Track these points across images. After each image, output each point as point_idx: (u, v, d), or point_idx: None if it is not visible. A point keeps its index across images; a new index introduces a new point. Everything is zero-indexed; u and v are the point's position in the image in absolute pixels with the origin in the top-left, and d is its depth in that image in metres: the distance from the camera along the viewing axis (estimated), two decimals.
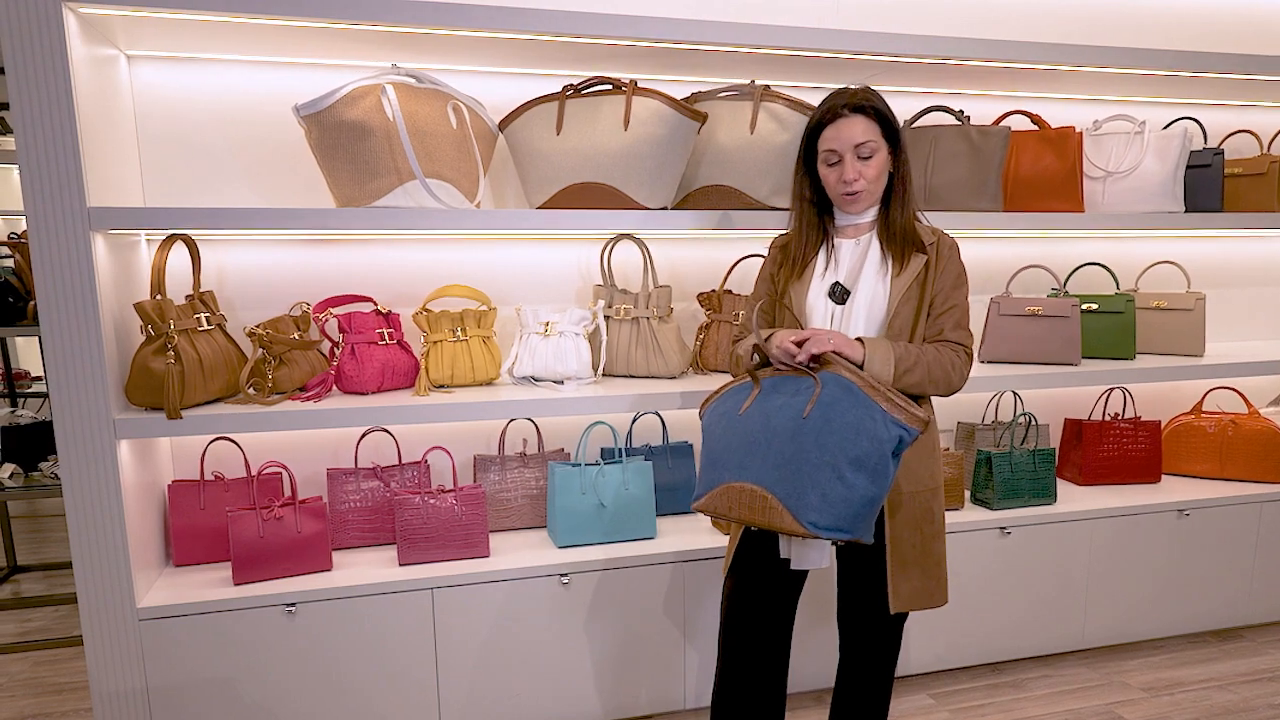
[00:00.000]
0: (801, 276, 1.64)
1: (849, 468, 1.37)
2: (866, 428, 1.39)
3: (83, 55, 1.66)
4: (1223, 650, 2.54)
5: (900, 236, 1.59)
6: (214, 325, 1.90)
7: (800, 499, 1.38)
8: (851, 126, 1.53)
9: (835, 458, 1.38)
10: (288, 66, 2.06)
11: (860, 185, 1.55)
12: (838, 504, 1.37)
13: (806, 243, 1.66)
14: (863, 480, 1.38)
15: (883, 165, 1.56)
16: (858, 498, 1.38)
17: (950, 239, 1.63)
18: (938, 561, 1.62)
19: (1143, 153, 2.43)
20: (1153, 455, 2.61)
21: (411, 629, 1.91)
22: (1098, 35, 2.61)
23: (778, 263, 1.70)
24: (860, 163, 1.54)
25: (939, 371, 1.54)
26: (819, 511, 1.37)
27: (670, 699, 2.14)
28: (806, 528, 1.37)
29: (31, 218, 1.61)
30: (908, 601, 1.59)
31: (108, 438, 1.70)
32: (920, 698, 2.27)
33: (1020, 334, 2.43)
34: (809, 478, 1.38)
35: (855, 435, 1.38)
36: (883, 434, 1.39)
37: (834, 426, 1.39)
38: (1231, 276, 2.99)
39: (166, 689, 1.80)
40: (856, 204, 1.59)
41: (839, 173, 1.56)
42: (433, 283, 2.18)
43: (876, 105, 1.54)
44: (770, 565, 1.61)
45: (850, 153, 1.54)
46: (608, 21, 1.86)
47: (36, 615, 2.90)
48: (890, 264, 1.58)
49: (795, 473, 1.39)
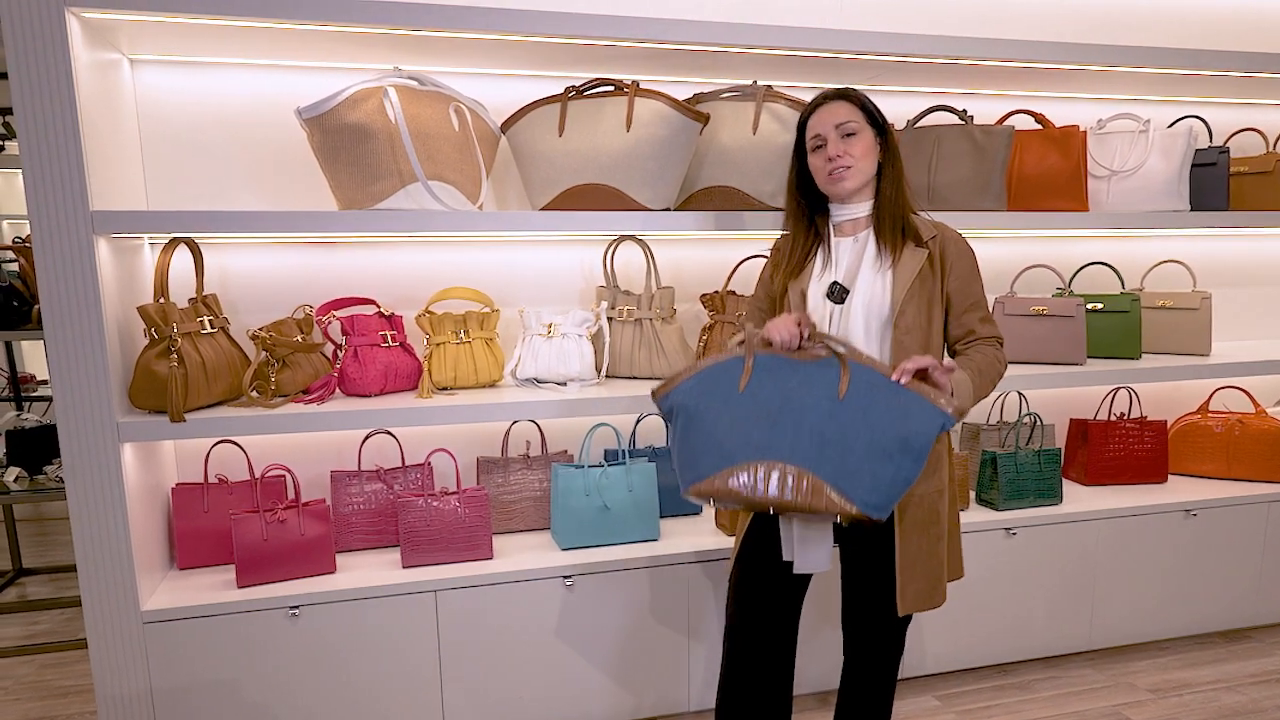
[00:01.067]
0: (799, 276, 1.63)
1: (897, 449, 1.39)
2: (914, 412, 1.40)
3: (86, 60, 1.67)
4: (1231, 651, 2.53)
5: (892, 223, 1.58)
6: (217, 328, 1.91)
7: (851, 479, 1.38)
8: (834, 110, 1.57)
9: (885, 439, 1.38)
10: (290, 70, 2.06)
11: (846, 161, 1.55)
12: (885, 484, 1.39)
13: (794, 238, 1.66)
14: (908, 462, 1.39)
15: (868, 146, 1.57)
16: (903, 479, 1.40)
17: (954, 231, 1.62)
18: (940, 563, 1.61)
19: (1147, 151, 2.42)
20: (1159, 455, 2.59)
21: (415, 631, 1.91)
22: (1102, 34, 2.60)
23: (775, 262, 1.70)
24: (844, 140, 1.55)
25: (993, 374, 1.56)
26: (871, 491, 1.38)
27: (674, 701, 2.13)
28: (860, 508, 1.38)
29: (35, 222, 1.62)
30: (913, 603, 1.58)
31: (111, 441, 1.70)
32: (926, 699, 2.26)
33: (1025, 334, 2.42)
34: (860, 458, 1.38)
35: (904, 417, 1.39)
36: (932, 418, 1.40)
37: (880, 409, 1.39)
38: (1237, 275, 2.97)
39: (171, 691, 1.80)
40: (844, 182, 1.57)
41: (824, 154, 1.57)
42: (435, 285, 2.18)
43: (858, 94, 1.59)
44: (775, 565, 1.60)
45: (833, 132, 1.56)
46: (609, 23, 1.85)
47: (42, 618, 2.90)
48: (887, 256, 1.57)
49: (842, 454, 1.38)
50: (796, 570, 1.56)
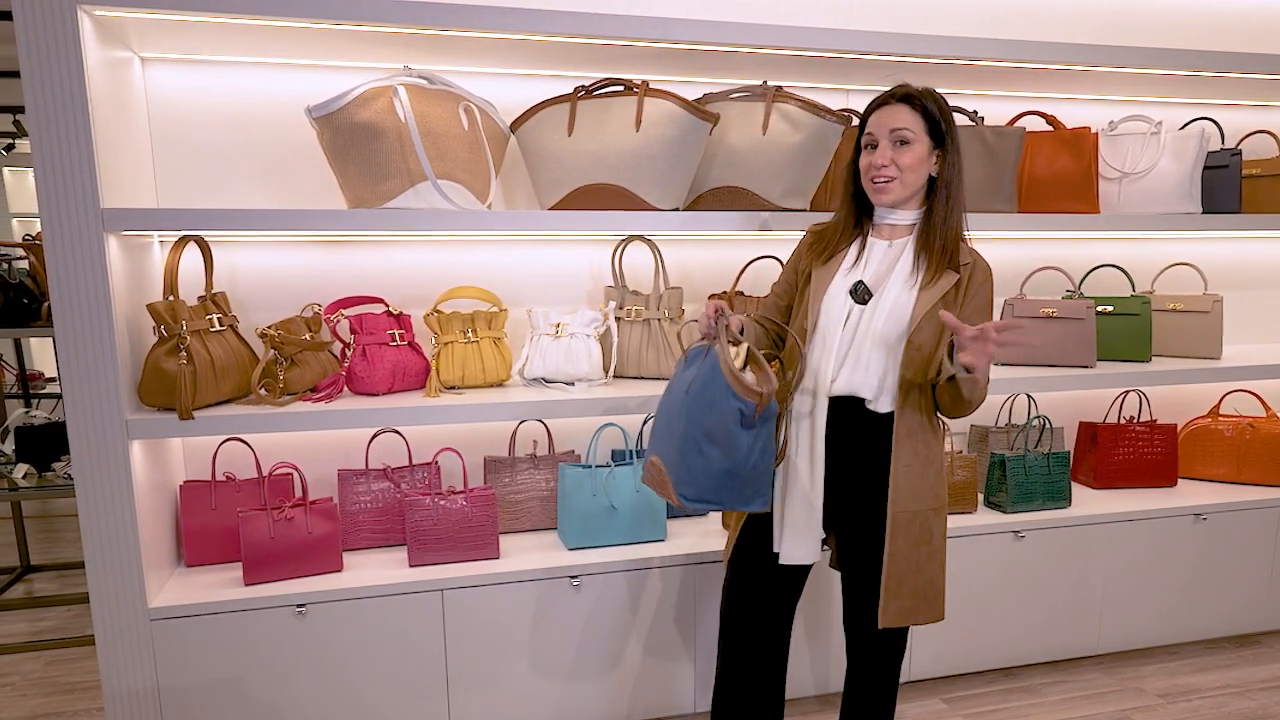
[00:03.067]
0: (827, 264, 1.61)
1: (705, 440, 1.45)
2: (717, 402, 1.44)
3: (97, 58, 1.67)
4: (1240, 656, 2.51)
5: (939, 246, 1.52)
6: (226, 326, 1.91)
7: (676, 470, 1.47)
8: (894, 113, 1.50)
9: (696, 431, 1.45)
10: (300, 68, 2.06)
11: (890, 171, 1.50)
12: (700, 475, 1.45)
13: (840, 231, 1.62)
14: (716, 453, 1.44)
15: (920, 158, 1.50)
16: (715, 470, 1.45)
17: (986, 264, 1.57)
18: (930, 581, 1.58)
19: (1159, 153, 2.40)
20: (1169, 459, 2.58)
21: (421, 630, 1.91)
22: (1114, 35, 2.59)
23: (808, 244, 1.67)
24: (895, 149, 1.50)
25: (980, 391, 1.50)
26: (686, 484, 1.47)
27: (679, 702, 2.13)
28: (679, 499, 1.47)
29: (46, 219, 1.62)
30: (895, 618, 1.56)
31: (120, 438, 1.70)
32: (933, 703, 2.26)
33: (1035, 336, 2.41)
34: (680, 451, 1.46)
35: (709, 409, 1.44)
36: (724, 406, 1.43)
37: (699, 401, 1.46)
38: (1249, 278, 2.95)
39: (178, 688, 1.80)
40: (885, 194, 1.52)
41: (872, 157, 1.53)
42: (444, 284, 2.18)
43: (926, 101, 1.51)
44: (767, 562, 1.60)
45: (886, 138, 1.51)
46: (619, 22, 1.85)
47: (49, 615, 2.92)
48: (921, 274, 1.53)
49: (678, 448, 1.47)
50: (782, 561, 1.56)
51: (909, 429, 1.54)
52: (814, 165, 2.08)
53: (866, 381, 1.53)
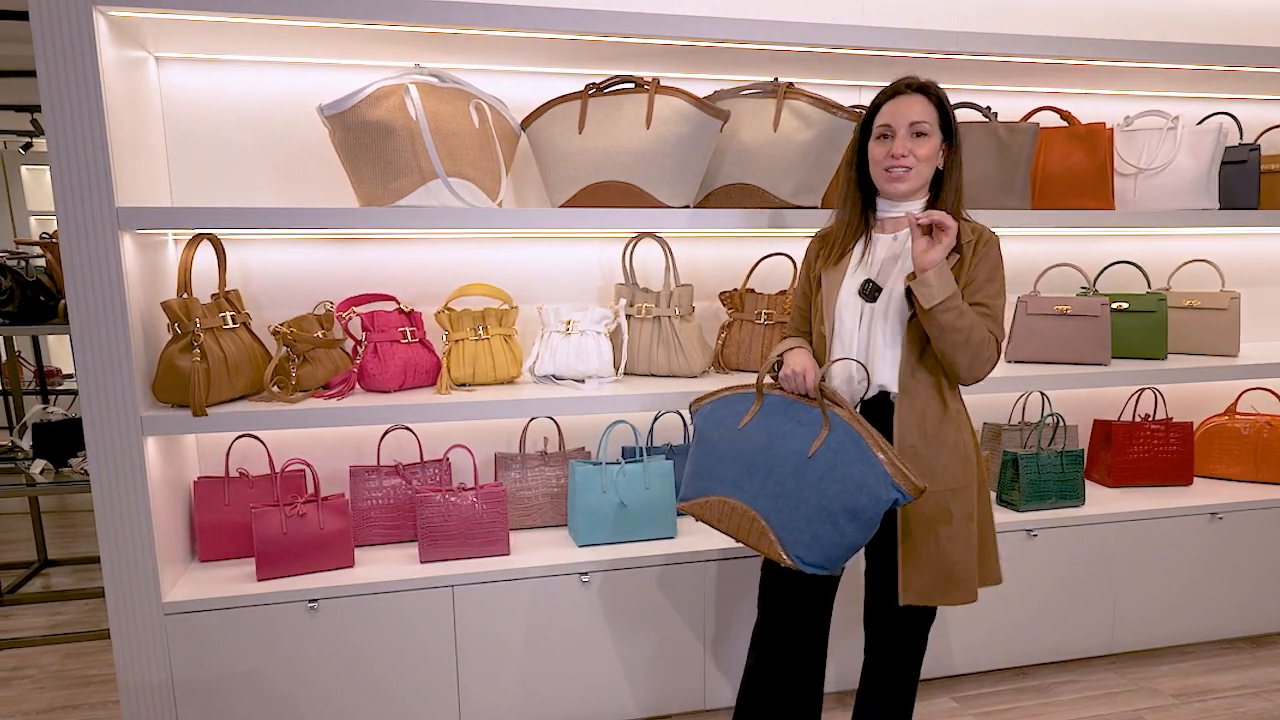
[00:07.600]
0: (836, 265, 1.62)
1: (844, 516, 1.45)
2: (868, 485, 1.44)
3: (112, 58, 1.69)
4: (1256, 657, 2.49)
5: None
6: (239, 324, 1.92)
7: (792, 533, 1.48)
8: (911, 104, 1.51)
9: (833, 505, 1.46)
10: (312, 67, 2.07)
11: (909, 162, 1.51)
12: (827, 546, 1.47)
13: (845, 229, 1.62)
14: (854, 529, 1.46)
15: (934, 151, 1.52)
16: (846, 543, 1.47)
17: (992, 234, 1.57)
18: (954, 561, 1.57)
19: (1176, 149, 2.38)
20: (1184, 457, 2.55)
21: (432, 626, 1.92)
22: (1129, 29, 2.56)
23: (815, 251, 1.69)
24: (913, 140, 1.51)
25: (976, 338, 1.47)
26: (808, 549, 1.47)
27: (689, 699, 2.13)
28: (792, 560, 1.48)
29: (62, 218, 1.64)
30: (918, 595, 1.56)
31: (135, 434, 1.72)
32: (944, 701, 2.25)
33: (1049, 333, 2.39)
34: (805, 517, 1.47)
35: (857, 490, 1.44)
36: (882, 494, 1.44)
37: (837, 475, 1.46)
38: (1267, 275, 2.92)
39: (191, 682, 1.82)
40: (901, 183, 1.53)
41: (888, 147, 1.52)
42: (455, 281, 2.19)
43: (939, 92, 1.53)
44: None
45: (904, 129, 1.51)
46: (629, 20, 1.85)
47: (66, 609, 2.95)
48: None
49: (793, 508, 1.49)
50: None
51: (913, 410, 1.54)
52: (825, 162, 2.07)
53: (889, 375, 1.55)
